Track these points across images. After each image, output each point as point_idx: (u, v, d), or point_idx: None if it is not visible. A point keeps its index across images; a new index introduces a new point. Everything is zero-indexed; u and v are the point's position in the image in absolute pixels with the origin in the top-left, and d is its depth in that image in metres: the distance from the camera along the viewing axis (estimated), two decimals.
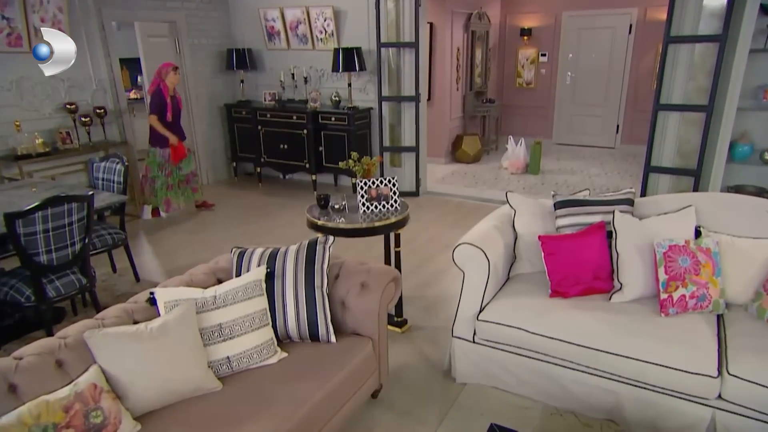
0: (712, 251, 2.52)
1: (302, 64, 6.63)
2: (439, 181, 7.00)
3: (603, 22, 8.47)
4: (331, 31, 6.35)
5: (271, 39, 6.83)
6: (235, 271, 2.43)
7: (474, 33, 8.27)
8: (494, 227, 2.88)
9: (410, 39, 5.87)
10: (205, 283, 2.39)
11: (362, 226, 2.98)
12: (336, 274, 2.50)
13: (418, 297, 3.81)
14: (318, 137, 6.38)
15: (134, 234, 5.21)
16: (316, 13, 6.34)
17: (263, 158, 6.81)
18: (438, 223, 5.42)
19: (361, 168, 3.28)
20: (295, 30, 6.61)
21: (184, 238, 5.17)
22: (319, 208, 3.24)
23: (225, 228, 5.38)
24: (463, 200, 6.19)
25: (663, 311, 2.46)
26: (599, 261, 2.65)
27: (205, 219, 5.72)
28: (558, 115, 9.29)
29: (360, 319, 2.42)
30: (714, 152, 4.53)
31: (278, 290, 2.33)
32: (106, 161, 4.12)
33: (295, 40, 6.66)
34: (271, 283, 2.33)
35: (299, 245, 2.45)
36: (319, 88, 6.57)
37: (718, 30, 4.42)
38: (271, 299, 2.32)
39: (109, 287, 4.10)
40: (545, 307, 2.56)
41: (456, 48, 7.89)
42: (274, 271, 2.36)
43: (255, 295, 2.25)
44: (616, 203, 2.81)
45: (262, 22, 6.75)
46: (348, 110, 6.15)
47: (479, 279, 2.63)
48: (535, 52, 9.23)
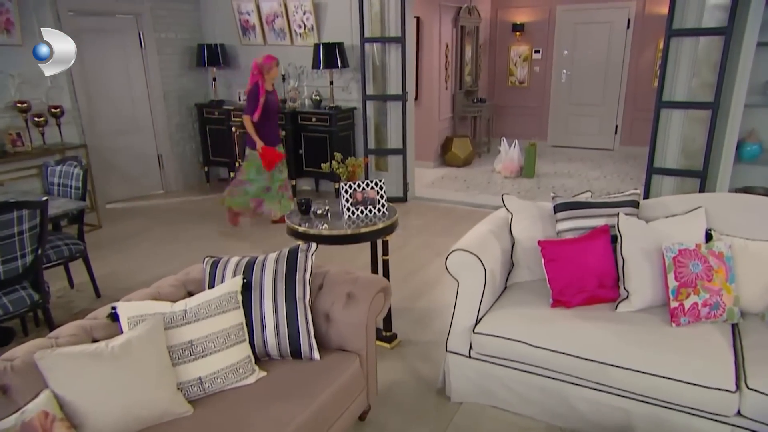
0: (725, 255, 2.52)
1: (280, 61, 6.52)
2: (428, 186, 7.00)
3: (600, 16, 8.58)
4: (310, 25, 6.33)
5: (246, 34, 6.79)
6: (207, 283, 2.37)
7: (463, 28, 8.32)
8: (490, 232, 2.86)
9: (396, 34, 5.87)
10: (174, 296, 2.32)
11: (347, 232, 2.96)
12: (319, 284, 2.46)
13: (409, 309, 3.78)
14: (297, 139, 6.34)
15: (95, 245, 5.09)
16: (295, 5, 6.32)
17: (238, 162, 6.68)
18: (428, 230, 5.42)
19: (345, 170, 3.26)
20: (272, 24, 6.58)
21: (151, 249, 5.07)
22: (299, 213, 3.21)
23: (197, 237, 5.29)
24: (453, 206, 6.20)
25: (674, 321, 2.44)
26: (604, 267, 2.64)
27: (172, 228, 5.63)
28: (553, 115, 9.37)
29: (346, 334, 2.37)
30: (721, 152, 4.57)
31: (256, 303, 2.27)
32: (63, 165, 4.02)
33: (272, 34, 6.64)
34: (248, 294, 2.28)
35: (279, 253, 2.41)
36: (298, 87, 6.54)
37: (723, 22, 4.48)
38: (248, 313, 2.26)
39: (66, 304, 3.99)
40: (547, 317, 2.53)
41: (444, 44, 7.92)
42: (251, 281, 2.31)
43: (230, 309, 2.19)
44: (620, 205, 2.81)
45: (236, 15, 6.72)
46: (330, 110, 6.13)
47: (475, 288, 2.60)
48: (528, 49, 9.31)
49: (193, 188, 7.16)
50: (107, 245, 5.21)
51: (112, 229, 5.65)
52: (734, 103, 4.42)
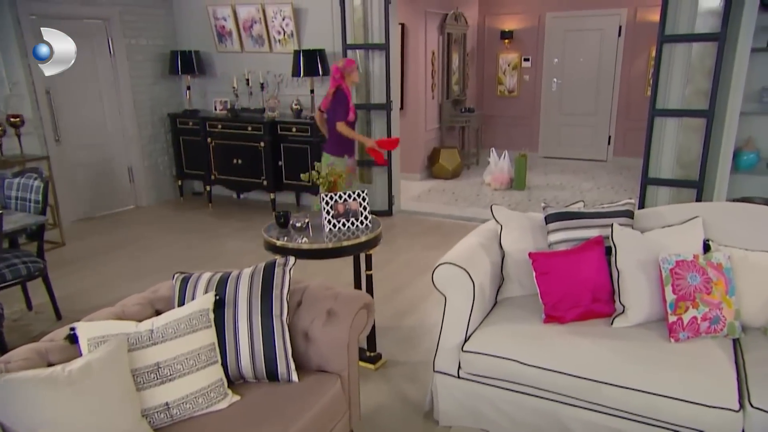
0: (724, 267, 2.52)
1: (258, 69, 6.59)
2: (415, 199, 7.00)
3: (590, 23, 8.72)
4: (290, 31, 6.34)
5: (222, 40, 6.79)
6: (177, 300, 2.32)
7: (450, 35, 8.39)
8: (479, 245, 2.85)
9: (380, 40, 5.90)
10: (141, 315, 2.26)
11: (328, 246, 2.94)
12: (298, 300, 2.42)
13: (394, 328, 3.75)
14: (277, 150, 6.32)
15: (57, 263, 4.99)
16: (273, 11, 6.33)
17: (214, 175, 6.72)
18: (414, 244, 5.41)
19: (326, 181, 3.23)
20: (250, 30, 6.58)
21: (119, 268, 4.99)
22: (278, 227, 3.19)
23: (168, 255, 5.22)
24: (441, 219, 6.20)
25: (672, 336, 2.43)
26: (598, 280, 2.63)
27: (144, 245, 5.54)
28: (544, 125, 9.45)
29: (326, 353, 2.33)
30: (717, 161, 4.62)
31: (229, 321, 2.22)
32: (21, 177, 3.94)
33: (250, 41, 6.63)
34: (221, 312, 2.23)
35: (254, 268, 2.37)
36: (277, 96, 6.53)
37: (716, 28, 4.55)
38: (220, 332, 2.21)
39: (22, 327, 3.89)
40: (539, 334, 2.52)
41: (431, 51, 7.98)
42: (224, 298, 2.26)
43: (200, 328, 2.14)
44: (615, 215, 2.81)
45: (212, 21, 6.72)
46: (311, 120, 6.11)
47: (463, 304, 2.58)
48: (518, 57, 9.42)
49: (167, 203, 7.08)
50: (71, 264, 5.11)
51: (77, 247, 5.55)
52: (730, 111, 4.48)
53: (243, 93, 6.73)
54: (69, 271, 4.90)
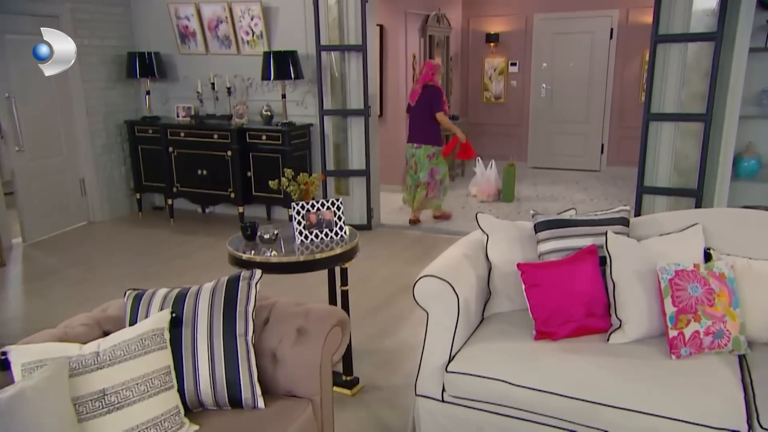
0: (727, 277, 2.52)
1: (225, 72, 6.57)
2: (396, 212, 7.00)
3: (580, 25, 8.86)
4: (259, 31, 6.34)
5: (185, 41, 6.76)
6: (128, 320, 2.25)
7: (432, 38, 8.46)
8: (464, 256, 2.83)
9: (356, 41, 5.91)
10: (86, 337, 2.18)
11: (299, 259, 2.93)
12: (265, 318, 2.37)
13: (373, 350, 3.74)
14: (245, 160, 6.28)
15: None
16: (241, 10, 6.32)
17: (176, 188, 6.65)
18: (395, 260, 5.41)
19: (297, 188, 3.22)
20: (215, 30, 6.56)
21: (67, 290, 4.88)
22: (244, 239, 3.16)
23: (123, 275, 5.12)
24: (424, 234, 6.20)
25: (674, 352, 2.42)
26: (592, 293, 2.62)
27: (96, 265, 5.45)
28: (533, 134, 9.54)
29: (296, 376, 2.28)
30: (716, 168, 4.69)
31: (187, 341, 2.16)
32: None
33: (215, 42, 6.61)
34: (178, 332, 2.17)
35: (216, 283, 2.31)
36: (246, 101, 6.51)
37: (712, 27, 4.65)
38: (177, 353, 2.14)
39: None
40: (530, 352, 2.49)
41: (411, 55, 8.03)
42: (181, 316, 2.20)
43: (154, 349, 2.07)
44: (609, 223, 2.82)
45: (174, 20, 6.69)
46: (282, 127, 6.10)
47: (447, 320, 2.56)
48: (504, 61, 9.53)
49: (123, 219, 6.98)
50: (12, 287, 5.00)
51: (20, 268, 5.43)
52: (728, 115, 4.56)
53: (208, 98, 6.69)
54: (9, 296, 4.78)
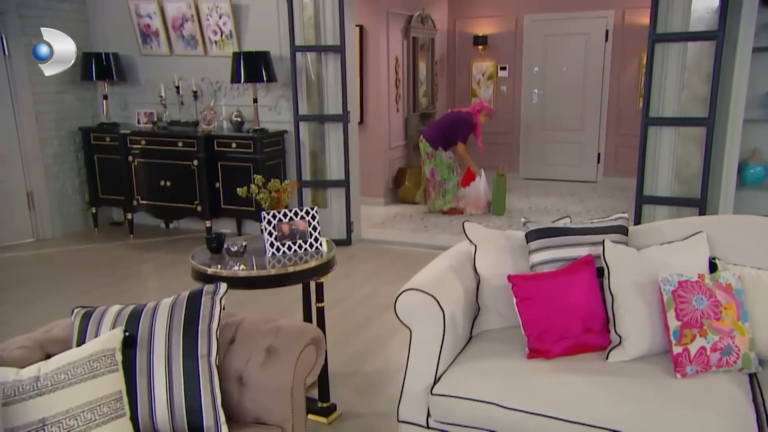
0: (734, 288, 2.52)
1: (190, 75, 6.55)
2: (378, 226, 7.02)
3: (574, 27, 8.97)
4: (228, 31, 6.33)
5: (147, 41, 6.74)
6: (76, 339, 2.19)
7: (416, 40, 8.51)
8: (450, 268, 2.82)
9: (334, 41, 5.92)
10: (26, 361, 2.11)
11: (270, 272, 2.91)
12: (231, 337, 2.33)
13: (352, 374, 3.72)
14: (213, 170, 6.25)
15: None
16: (208, 7, 6.32)
17: (136, 200, 6.59)
18: (376, 277, 5.41)
19: (268, 196, 3.20)
20: (180, 29, 6.55)
21: (8, 315, 4.78)
22: (210, 252, 3.14)
23: (74, 298, 5.02)
24: (409, 249, 6.22)
25: (678, 371, 2.41)
26: (589, 307, 2.62)
27: (44, 286, 5.36)
28: (525, 142, 9.61)
29: (265, 401, 2.23)
30: (720, 176, 4.73)
31: (142, 363, 2.11)
32: None
33: (180, 42, 6.60)
34: (132, 352, 2.12)
35: (175, 298, 2.27)
36: (214, 106, 6.49)
37: (713, 25, 4.72)
38: (130, 377, 2.09)
39: None
40: (523, 372, 2.48)
41: (394, 58, 8.07)
42: (136, 335, 2.15)
43: (104, 372, 2.01)
44: (606, 231, 2.83)
45: (134, 18, 6.67)
46: (254, 133, 6.09)
47: (432, 338, 2.53)
48: (493, 65, 9.61)
49: (76, 235, 6.90)
50: None
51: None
52: (732, 119, 4.60)
53: (172, 103, 6.66)
54: None
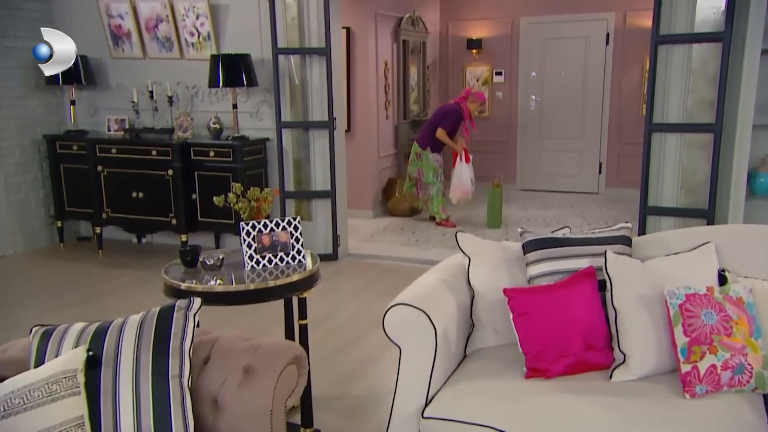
0: (745, 302, 2.51)
1: (165, 79, 6.54)
2: (366, 240, 7.05)
3: (573, 30, 9.06)
4: (206, 32, 6.33)
5: (118, 43, 6.73)
6: (34, 360, 2.15)
7: (406, 43, 8.56)
8: (442, 282, 2.82)
9: (319, 44, 5.93)
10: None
11: (249, 287, 2.92)
12: (205, 356, 2.31)
13: (338, 397, 3.71)
14: (189, 180, 6.24)
15: None
16: (185, 7, 6.33)
17: (106, 213, 6.56)
18: (364, 293, 5.42)
19: (247, 205, 3.20)
20: (154, 31, 6.54)
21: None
22: (184, 266, 3.13)
23: (38, 317, 4.88)
24: (399, 264, 6.23)
25: (687, 390, 2.39)
26: (591, 322, 2.61)
27: (3, 306, 5.33)
28: (522, 151, 9.65)
29: (242, 426, 2.20)
30: (729, 185, 4.76)
31: (107, 385, 2.08)
32: None
33: (155, 44, 6.59)
34: (96, 373, 2.08)
35: (144, 314, 2.25)
36: (190, 112, 6.49)
37: (719, 26, 4.75)
38: (94, 400, 2.05)
39: None
40: (520, 393, 2.46)
41: (383, 62, 8.11)
42: (101, 354, 2.11)
43: (64, 395, 1.97)
44: (608, 242, 2.82)
45: (104, 18, 6.66)
46: (233, 141, 6.08)
47: (423, 356, 2.51)
48: (488, 70, 9.66)
49: (40, 251, 6.87)
50: None
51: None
52: (740, 125, 4.64)
53: (145, 109, 6.65)
54: None
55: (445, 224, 7.59)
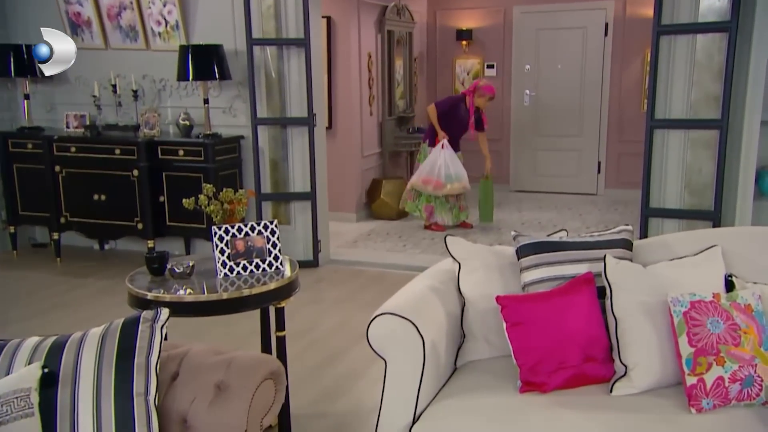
0: (754, 309, 2.53)
1: (130, 71, 6.51)
2: (350, 246, 7.05)
3: (569, 20, 9.12)
4: (174, 21, 6.31)
5: (78, 32, 6.68)
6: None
7: (391, 34, 8.56)
8: (430, 289, 2.81)
9: (297, 34, 5.93)
10: None
11: (222, 296, 2.92)
12: (173, 372, 2.29)
13: (319, 415, 3.70)
14: (157, 181, 6.20)
15: None
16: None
17: (65, 218, 6.51)
18: (348, 303, 5.41)
19: (219, 208, 3.20)
20: (117, 19, 6.51)
21: None
22: (150, 274, 3.13)
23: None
24: (384, 270, 6.24)
25: (693, 405, 2.40)
26: (590, 332, 2.61)
27: None
28: (516, 150, 9.70)
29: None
30: (735, 185, 4.80)
31: (65, 405, 2.06)
32: None
33: (118, 34, 6.57)
34: (52, 392, 2.06)
35: (106, 327, 2.23)
36: (157, 107, 6.46)
37: (725, 15, 4.79)
38: (49, 422, 2.03)
39: None
40: (515, 408, 2.46)
41: (366, 54, 8.11)
42: (58, 371, 2.09)
43: (15, 417, 1.96)
44: (608, 246, 2.83)
45: (61, 5, 6.61)
46: (205, 139, 6.06)
47: (410, 369, 2.50)
48: (479, 63, 9.70)
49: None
50: None
51: None
52: (747, 121, 4.68)
53: (108, 104, 6.61)
54: None
55: (435, 228, 7.57)
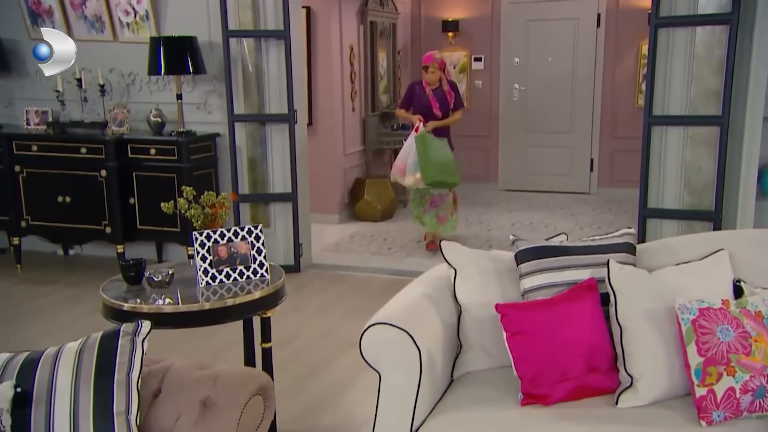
0: (765, 316, 2.55)
1: (96, 65, 6.43)
2: (332, 249, 7.05)
3: (560, 11, 9.18)
4: (144, 11, 6.27)
5: (38, 22, 6.62)
6: None
7: (374, 25, 8.57)
8: (425, 297, 2.82)
9: (276, 26, 5.92)
10: None
11: (204, 307, 2.93)
12: (155, 389, 2.31)
13: (306, 430, 3.69)
14: (127, 182, 6.17)
15: None
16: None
17: (26, 221, 6.47)
18: (332, 310, 5.43)
19: (200, 213, 3.19)
20: (82, 8, 6.46)
21: None
22: (126, 283, 3.13)
23: None
24: (369, 275, 6.25)
25: (703, 417, 2.42)
26: (593, 341, 2.62)
27: None
28: (504, 147, 9.73)
29: None
30: (737, 184, 4.83)
31: (38, 426, 2.06)
32: None
33: (82, 24, 6.51)
34: (26, 413, 2.07)
35: (84, 341, 2.23)
36: (127, 103, 6.43)
37: (726, 7, 4.82)
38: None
39: None
40: (516, 422, 2.47)
41: (348, 46, 8.11)
42: (31, 391, 2.09)
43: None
44: (610, 250, 2.85)
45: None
46: (178, 137, 6.03)
47: (406, 382, 2.50)
48: (466, 56, 9.72)
49: None
50: None
51: None
52: (749, 117, 4.71)
53: (73, 99, 6.56)
54: None
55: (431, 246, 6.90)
